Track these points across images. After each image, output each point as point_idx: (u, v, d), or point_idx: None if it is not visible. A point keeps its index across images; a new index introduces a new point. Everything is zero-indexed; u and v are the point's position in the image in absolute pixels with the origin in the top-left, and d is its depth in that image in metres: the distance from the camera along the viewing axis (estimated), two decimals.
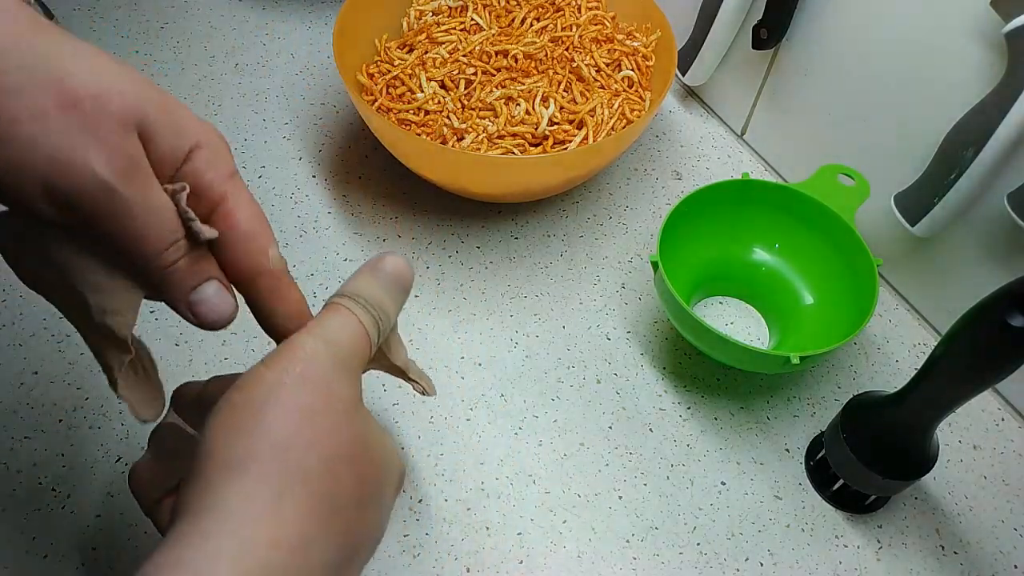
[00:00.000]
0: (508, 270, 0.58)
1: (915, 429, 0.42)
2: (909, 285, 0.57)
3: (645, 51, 0.62)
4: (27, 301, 0.53)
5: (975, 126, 0.44)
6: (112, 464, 0.46)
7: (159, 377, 0.33)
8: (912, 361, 0.54)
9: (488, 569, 0.44)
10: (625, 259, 0.59)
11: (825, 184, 0.53)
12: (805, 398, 0.52)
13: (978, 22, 0.45)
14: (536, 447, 0.49)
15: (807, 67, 0.58)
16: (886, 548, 0.46)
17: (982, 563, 0.45)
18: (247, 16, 0.75)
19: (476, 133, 0.55)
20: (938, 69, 0.48)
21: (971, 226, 0.49)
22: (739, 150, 0.67)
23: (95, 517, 0.44)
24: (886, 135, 0.54)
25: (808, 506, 0.47)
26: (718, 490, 0.48)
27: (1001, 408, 0.52)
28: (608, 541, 0.45)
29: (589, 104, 0.57)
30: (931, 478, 0.48)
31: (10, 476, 0.46)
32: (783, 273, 0.55)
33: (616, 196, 0.63)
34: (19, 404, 0.48)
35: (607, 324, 0.55)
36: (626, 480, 0.48)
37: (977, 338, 0.36)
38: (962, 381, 0.38)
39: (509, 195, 0.59)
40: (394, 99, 0.58)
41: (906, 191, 0.50)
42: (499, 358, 0.53)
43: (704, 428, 0.50)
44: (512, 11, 0.64)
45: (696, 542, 0.45)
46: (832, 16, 0.55)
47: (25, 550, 0.43)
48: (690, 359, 0.53)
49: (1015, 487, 0.49)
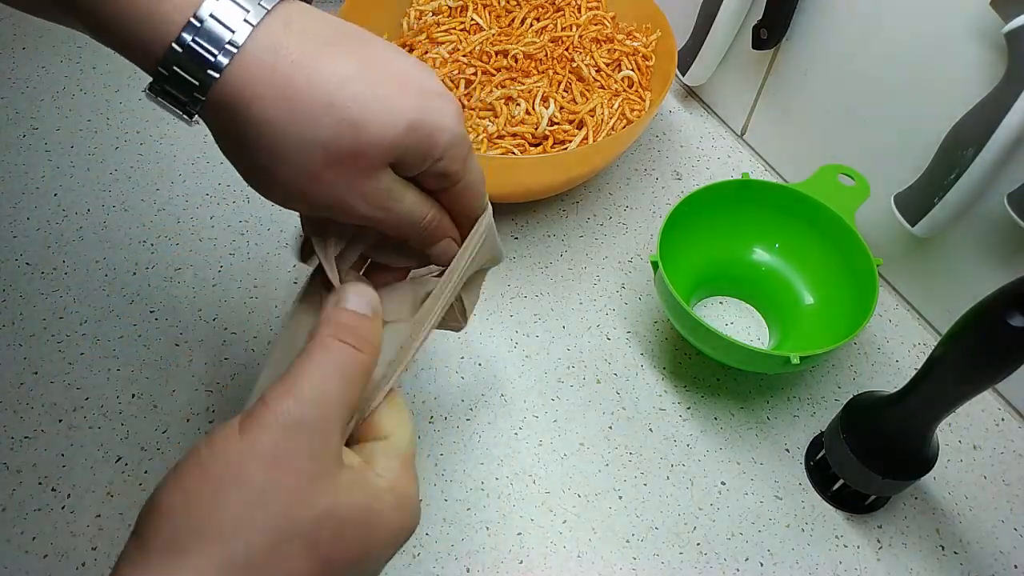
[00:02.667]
0: (508, 270, 0.58)
1: (915, 429, 0.42)
2: (909, 285, 0.57)
3: (645, 51, 0.62)
4: (27, 301, 0.53)
5: (975, 126, 0.44)
6: (112, 464, 0.46)
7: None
8: (912, 361, 0.54)
9: (488, 569, 0.44)
10: (625, 259, 0.59)
11: (825, 184, 0.53)
12: (805, 398, 0.52)
13: (978, 22, 0.45)
14: (536, 447, 0.49)
15: (807, 67, 0.58)
16: (886, 548, 0.46)
17: (982, 563, 0.45)
18: None
19: (476, 133, 0.55)
20: (938, 69, 0.48)
21: (971, 226, 0.49)
22: (739, 150, 0.67)
23: (95, 517, 0.44)
24: (886, 135, 0.54)
25: (808, 506, 0.47)
26: (718, 490, 0.48)
27: (1001, 408, 0.52)
28: (608, 541, 0.45)
29: (589, 104, 0.57)
30: (931, 478, 0.48)
31: (10, 476, 0.46)
32: (783, 273, 0.55)
33: (616, 196, 0.63)
34: (19, 404, 0.48)
35: (607, 324, 0.55)
36: (626, 480, 0.48)
37: (977, 338, 0.36)
38: (962, 381, 0.38)
39: (509, 195, 0.59)
40: None
41: (906, 191, 0.50)
42: (499, 358, 0.53)
43: (704, 428, 0.50)
44: (512, 11, 0.64)
45: (696, 542, 0.45)
46: (832, 16, 0.55)
47: (25, 550, 0.43)
48: (690, 359, 0.53)
49: (1015, 487, 0.49)
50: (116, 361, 0.51)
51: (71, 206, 0.59)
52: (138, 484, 0.46)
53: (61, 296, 0.54)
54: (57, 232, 0.57)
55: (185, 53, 0.26)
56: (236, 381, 0.50)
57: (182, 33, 0.26)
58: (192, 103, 0.28)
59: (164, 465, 0.46)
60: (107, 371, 0.50)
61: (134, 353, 0.51)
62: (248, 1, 0.27)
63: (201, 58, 0.26)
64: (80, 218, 0.58)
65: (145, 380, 0.50)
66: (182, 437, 0.48)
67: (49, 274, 0.55)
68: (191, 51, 0.26)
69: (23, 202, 0.59)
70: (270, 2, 0.28)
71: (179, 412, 0.49)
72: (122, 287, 0.54)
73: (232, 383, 0.50)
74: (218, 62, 0.26)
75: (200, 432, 0.48)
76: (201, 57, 0.26)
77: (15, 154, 0.62)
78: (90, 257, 0.56)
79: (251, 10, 0.27)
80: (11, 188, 0.60)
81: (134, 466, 0.46)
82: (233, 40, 0.27)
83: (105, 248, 0.57)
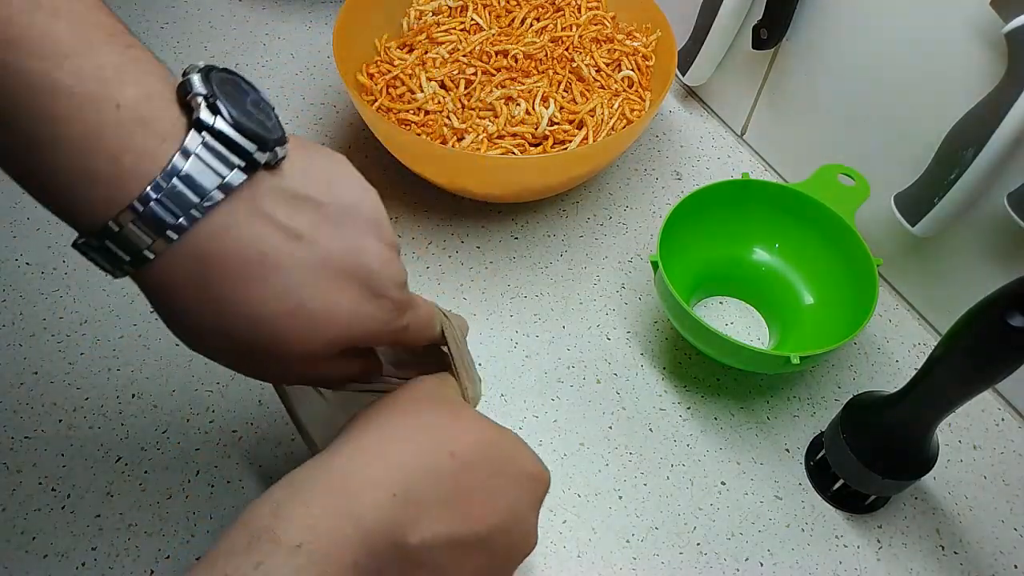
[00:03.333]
0: (508, 270, 0.58)
1: (915, 429, 0.42)
2: (909, 285, 0.57)
3: (645, 51, 0.62)
4: (27, 301, 0.53)
5: (975, 126, 0.44)
6: (112, 464, 0.46)
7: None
8: (912, 361, 0.54)
9: None
10: (625, 259, 0.59)
11: (825, 184, 0.53)
12: (805, 398, 0.52)
13: (978, 22, 0.45)
14: (536, 447, 0.48)
15: (807, 67, 0.58)
16: (886, 548, 0.46)
17: (982, 563, 0.45)
18: (247, 16, 0.75)
19: (476, 133, 0.55)
20: (938, 69, 0.48)
21: (971, 226, 0.49)
22: (739, 150, 0.67)
23: (95, 517, 0.44)
24: (886, 135, 0.54)
25: (808, 506, 0.47)
26: (718, 490, 0.48)
27: (1001, 408, 0.52)
28: (608, 541, 0.45)
29: (589, 104, 0.57)
30: (931, 478, 0.48)
31: (10, 476, 0.46)
32: (783, 273, 0.55)
33: (616, 196, 0.63)
34: (19, 404, 0.48)
35: (607, 324, 0.55)
36: (626, 480, 0.48)
37: (977, 338, 0.36)
38: (962, 381, 0.38)
39: (509, 195, 0.59)
40: (394, 99, 0.58)
41: (906, 191, 0.50)
42: (499, 358, 0.53)
43: (704, 428, 0.50)
44: (512, 11, 0.64)
45: (696, 542, 0.45)
46: (832, 16, 0.55)
47: (25, 550, 0.43)
48: (690, 359, 0.53)
49: (1015, 487, 0.49)
50: (116, 361, 0.51)
51: None
52: (138, 484, 0.46)
53: (61, 296, 0.54)
54: (57, 232, 0.57)
55: (121, 233, 0.24)
56: (236, 381, 0.50)
57: (147, 190, 0.24)
58: (134, 262, 0.25)
59: (164, 465, 0.46)
60: (107, 371, 0.50)
61: (134, 353, 0.51)
62: (208, 179, 0.25)
63: (161, 222, 0.24)
64: None
65: (145, 380, 0.50)
66: (182, 437, 0.48)
67: (49, 274, 0.55)
68: (150, 212, 0.24)
69: (23, 202, 0.59)
70: (236, 180, 0.25)
71: (179, 412, 0.49)
72: (122, 287, 0.54)
73: (232, 383, 0.50)
74: (154, 246, 0.25)
75: (200, 432, 0.48)
76: (160, 221, 0.24)
77: None
78: None
79: (206, 193, 0.25)
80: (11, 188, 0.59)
81: (134, 466, 0.46)
82: (179, 225, 0.24)
83: None
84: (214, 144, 0.25)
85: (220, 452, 0.47)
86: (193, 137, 0.25)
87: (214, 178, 0.25)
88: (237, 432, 0.48)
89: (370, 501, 0.27)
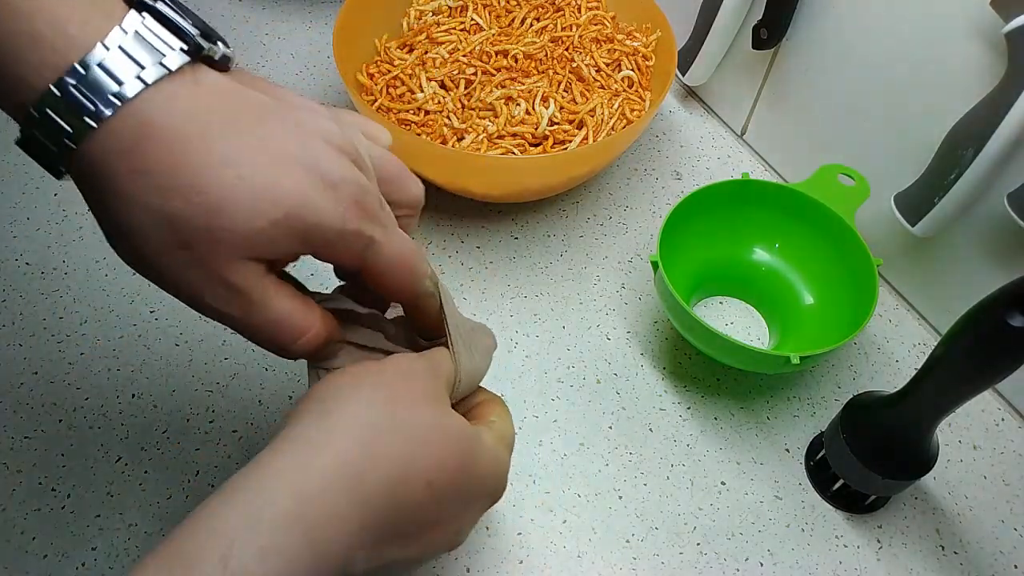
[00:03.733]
0: (508, 270, 0.58)
1: (915, 429, 0.42)
2: (909, 285, 0.57)
3: (645, 51, 0.62)
4: (27, 301, 0.53)
5: (975, 126, 0.44)
6: (112, 464, 0.46)
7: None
8: (912, 361, 0.54)
9: (488, 569, 0.44)
10: (625, 259, 0.59)
11: (825, 184, 0.53)
12: (805, 398, 0.52)
13: (978, 22, 0.45)
14: (536, 447, 0.49)
15: (807, 67, 0.58)
16: (886, 548, 0.46)
17: (982, 563, 0.45)
18: (247, 16, 0.75)
19: (476, 133, 0.55)
20: (938, 69, 0.48)
21: (971, 226, 0.49)
22: (739, 150, 0.67)
23: (95, 517, 0.44)
24: (886, 135, 0.54)
25: (808, 506, 0.47)
26: (718, 490, 0.48)
27: (1001, 408, 0.52)
28: (608, 541, 0.45)
29: (589, 104, 0.57)
30: (931, 478, 0.48)
31: (10, 476, 0.46)
32: (783, 273, 0.55)
33: (616, 196, 0.63)
34: (19, 404, 0.48)
35: (607, 324, 0.55)
36: (626, 480, 0.48)
37: (977, 338, 0.36)
38: (962, 381, 0.38)
39: (509, 195, 0.59)
40: (394, 99, 0.58)
41: (906, 191, 0.50)
42: (499, 358, 0.53)
43: (704, 428, 0.50)
44: (512, 11, 0.64)
45: (696, 542, 0.45)
46: (832, 16, 0.55)
47: (25, 550, 0.43)
48: (690, 359, 0.53)
49: (1015, 487, 0.49)
50: (116, 361, 0.51)
51: (71, 206, 0.59)
52: (138, 484, 0.46)
53: (61, 296, 0.54)
54: (57, 232, 0.57)
55: (64, 98, 0.25)
56: (236, 381, 0.50)
57: (64, 77, 0.24)
58: (60, 156, 0.26)
59: (164, 465, 0.46)
60: (107, 371, 0.50)
61: (134, 353, 0.51)
62: (149, 55, 0.25)
63: (80, 106, 0.25)
64: (80, 218, 0.58)
65: (145, 380, 0.50)
66: (182, 437, 0.48)
67: (49, 274, 0.55)
68: (71, 97, 0.24)
69: (23, 202, 0.59)
70: (177, 61, 0.26)
71: (179, 412, 0.49)
72: (122, 287, 0.54)
73: (232, 383, 0.50)
74: (99, 112, 0.25)
75: (200, 432, 0.48)
76: (80, 105, 0.25)
77: (15, 154, 0.62)
78: (90, 257, 0.56)
79: (147, 68, 0.25)
80: (11, 188, 0.60)
81: (134, 466, 0.46)
82: (120, 92, 0.25)
83: (105, 248, 0.56)
84: (155, 26, 0.26)
85: (220, 452, 0.47)
86: (134, 16, 0.26)
87: (155, 55, 0.25)
88: (237, 432, 0.48)
89: (334, 533, 0.26)
